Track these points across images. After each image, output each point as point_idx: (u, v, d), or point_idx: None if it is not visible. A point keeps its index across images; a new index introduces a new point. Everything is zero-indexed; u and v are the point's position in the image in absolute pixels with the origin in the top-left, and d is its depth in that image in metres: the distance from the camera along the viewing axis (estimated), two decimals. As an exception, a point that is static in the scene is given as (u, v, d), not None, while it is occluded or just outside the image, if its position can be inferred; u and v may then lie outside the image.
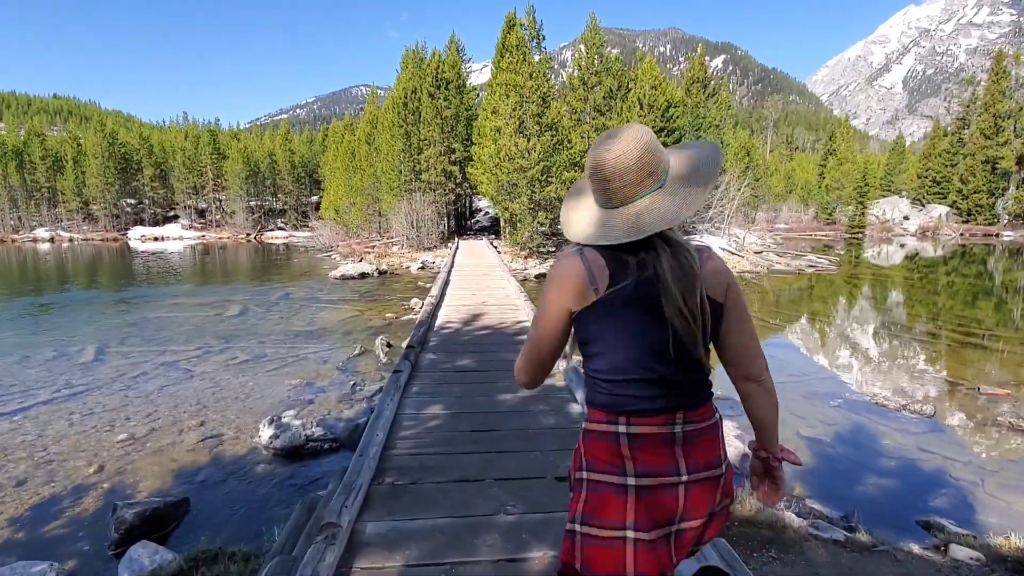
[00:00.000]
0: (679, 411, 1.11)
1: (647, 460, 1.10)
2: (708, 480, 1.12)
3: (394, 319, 9.33)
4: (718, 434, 1.16)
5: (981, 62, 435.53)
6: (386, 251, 21.89)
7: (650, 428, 1.10)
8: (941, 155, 48.30)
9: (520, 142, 17.00)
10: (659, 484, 1.10)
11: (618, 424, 1.11)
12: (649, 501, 1.09)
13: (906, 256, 24.57)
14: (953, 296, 13.05)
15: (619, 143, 1.06)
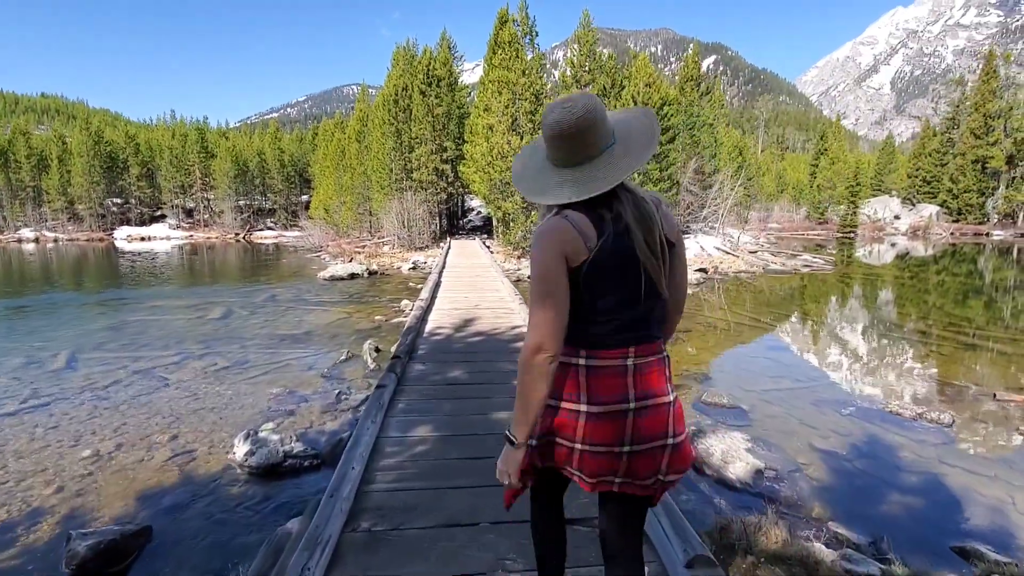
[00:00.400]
0: (631, 347, 1.25)
1: (601, 390, 1.24)
2: (657, 407, 1.26)
3: (383, 322, 9.00)
4: (665, 366, 1.31)
5: (968, 63, 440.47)
6: (377, 251, 21.53)
7: (605, 362, 1.24)
8: (931, 155, 48.60)
9: (513, 140, 16.71)
10: (609, 411, 1.24)
11: (579, 357, 1.25)
12: (597, 424, 1.24)
13: (898, 255, 24.54)
14: (955, 297, 12.91)
15: (578, 106, 1.18)
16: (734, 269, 16.52)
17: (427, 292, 8.45)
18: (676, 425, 1.28)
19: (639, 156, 1.21)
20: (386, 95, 23.29)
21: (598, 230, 1.19)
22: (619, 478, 1.29)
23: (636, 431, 1.24)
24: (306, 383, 5.80)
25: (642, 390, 1.25)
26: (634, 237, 1.20)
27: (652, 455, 1.26)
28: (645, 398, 1.25)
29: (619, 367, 1.24)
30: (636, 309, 1.24)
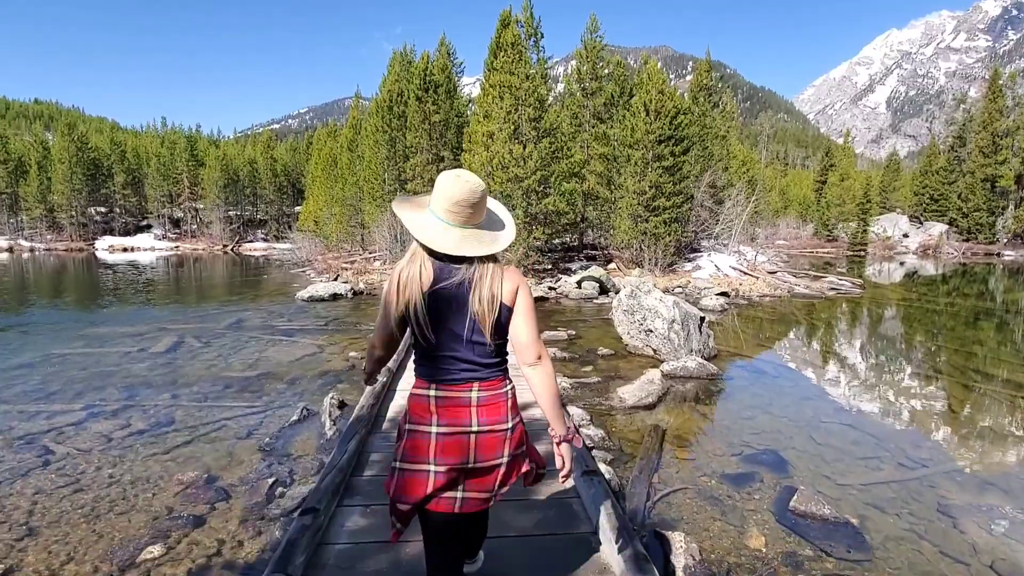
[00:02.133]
0: (475, 382, 1.63)
1: (448, 415, 1.62)
2: (495, 432, 1.63)
3: (357, 360, 7.41)
4: (505, 400, 1.66)
5: (959, 84, 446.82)
6: (366, 267, 19.97)
7: (453, 393, 1.63)
8: (938, 172, 47.62)
9: (515, 149, 15.28)
10: (455, 432, 1.61)
11: (430, 389, 1.64)
12: (446, 443, 1.61)
13: (923, 277, 23.14)
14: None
15: (475, 181, 1.60)
16: (755, 292, 15.02)
17: None
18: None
19: (500, 239, 1.67)
20: (380, 101, 21.93)
21: (437, 277, 1.58)
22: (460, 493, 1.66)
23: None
24: (236, 462, 4.20)
25: (484, 418, 1.63)
26: (472, 294, 1.57)
27: None
28: (486, 424, 1.62)
29: (464, 399, 1.63)
30: (457, 352, 1.62)
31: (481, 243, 1.59)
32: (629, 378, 6.50)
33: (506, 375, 1.70)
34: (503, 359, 1.69)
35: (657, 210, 17.21)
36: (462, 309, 1.57)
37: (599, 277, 14.23)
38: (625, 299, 7.61)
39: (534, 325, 1.63)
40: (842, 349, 9.14)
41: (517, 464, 1.71)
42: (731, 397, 6.12)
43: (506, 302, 1.59)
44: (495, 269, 1.59)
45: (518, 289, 1.62)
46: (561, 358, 7.50)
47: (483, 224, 1.64)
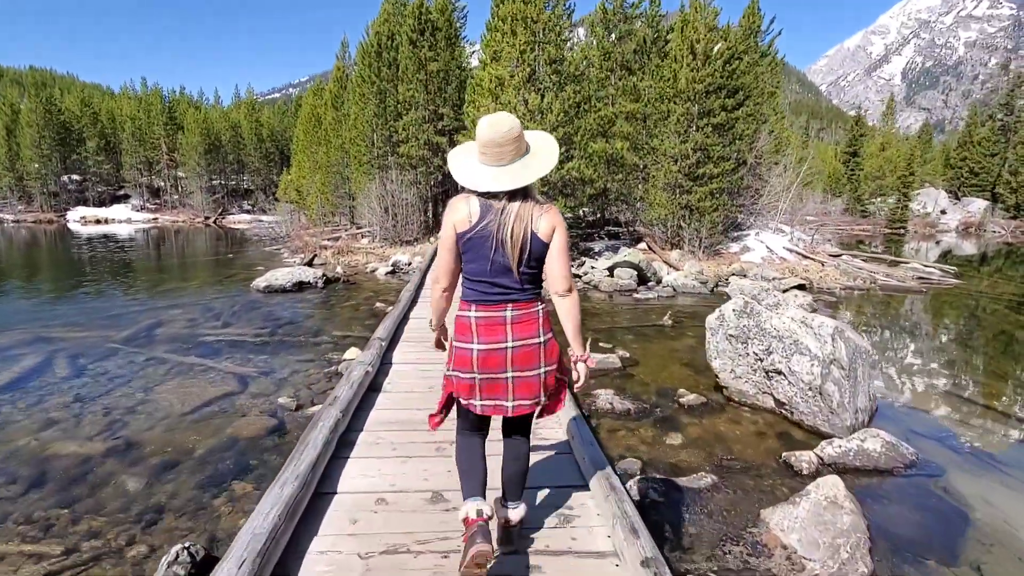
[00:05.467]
0: (509, 303, 1.86)
1: (486, 333, 1.86)
2: (527, 345, 1.87)
3: (290, 415, 4.49)
4: (537, 318, 1.89)
5: (980, 55, 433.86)
6: (350, 245, 16.91)
7: (490, 313, 1.86)
8: (980, 144, 43.91)
9: (531, 98, 12.07)
10: (493, 347, 1.86)
11: (471, 310, 1.88)
12: (486, 357, 1.86)
13: (1012, 261, 19.91)
14: None
15: (505, 123, 1.79)
16: (834, 283, 11.97)
17: (360, 374, 3.97)
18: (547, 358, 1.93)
19: (538, 169, 1.83)
20: (368, 45, 18.52)
21: (483, 212, 1.80)
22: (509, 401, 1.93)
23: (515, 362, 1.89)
24: None
25: (518, 335, 1.86)
26: (506, 228, 1.77)
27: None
28: (520, 339, 1.87)
29: (499, 318, 1.86)
30: (496, 277, 1.84)
31: (514, 178, 1.80)
32: (762, 474, 3.56)
33: (538, 297, 1.93)
34: (536, 284, 1.91)
35: (702, 179, 14.01)
36: (499, 240, 1.78)
37: (637, 263, 11.18)
38: (732, 317, 4.60)
39: (566, 262, 1.86)
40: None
41: (552, 375, 1.96)
42: (986, 532, 3.16)
43: (542, 237, 1.81)
44: (531, 207, 1.81)
45: (555, 229, 1.82)
46: (619, 412, 4.56)
47: (521, 159, 1.83)
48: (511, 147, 1.79)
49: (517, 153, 1.81)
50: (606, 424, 4.35)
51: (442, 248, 1.86)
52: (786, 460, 3.68)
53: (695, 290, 10.74)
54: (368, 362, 4.17)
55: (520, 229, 1.77)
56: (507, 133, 1.77)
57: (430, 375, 4.35)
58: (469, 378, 1.88)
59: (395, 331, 5.58)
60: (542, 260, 1.84)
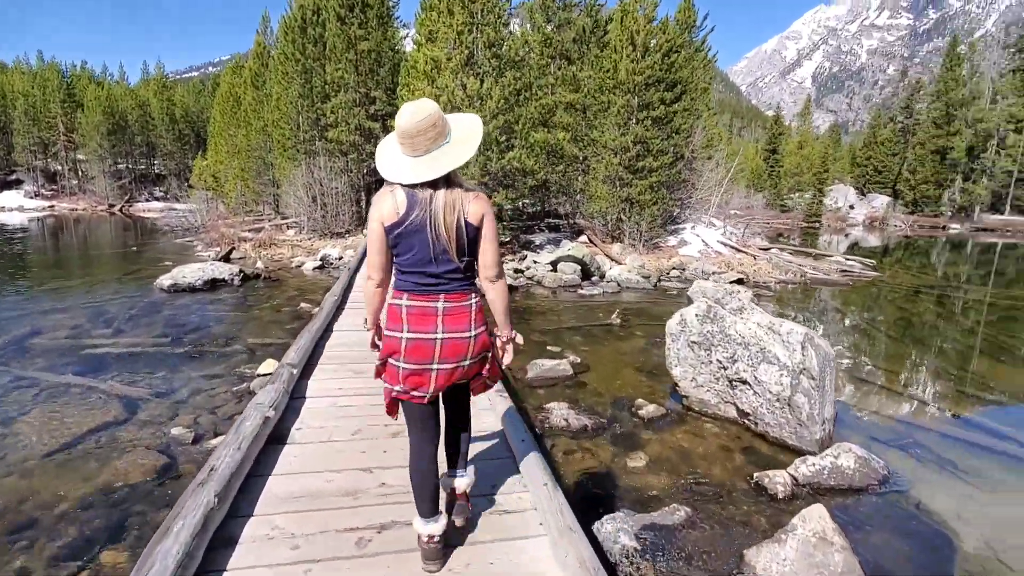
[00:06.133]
0: (442, 294, 1.85)
1: (416, 323, 1.84)
2: (458, 339, 1.87)
3: (185, 451, 3.72)
4: (469, 311, 1.88)
5: (880, 62, 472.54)
6: (274, 238, 15.60)
7: (421, 303, 1.84)
8: (883, 144, 47.52)
9: (470, 83, 11.42)
10: (422, 337, 1.84)
11: (403, 299, 1.86)
12: (414, 346, 1.84)
13: (918, 252, 21.44)
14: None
15: (420, 112, 1.74)
16: (768, 276, 12.24)
17: (267, 398, 3.20)
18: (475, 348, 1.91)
19: (459, 156, 1.78)
20: (291, 20, 17.08)
21: (410, 205, 1.76)
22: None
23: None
24: None
25: (449, 326, 1.85)
26: (436, 219, 1.75)
27: None
28: (450, 332, 1.85)
29: (431, 308, 1.84)
30: (434, 266, 1.82)
31: (431, 167, 1.75)
32: (735, 499, 3.23)
33: (472, 289, 1.92)
34: (469, 274, 1.90)
35: (642, 172, 13.95)
36: (430, 231, 1.76)
37: (581, 257, 10.88)
38: (695, 322, 4.25)
39: (496, 249, 1.87)
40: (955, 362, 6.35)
41: (481, 365, 2.00)
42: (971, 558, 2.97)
43: (472, 223, 1.80)
44: (459, 195, 1.78)
45: (484, 216, 1.82)
46: (575, 429, 4.13)
47: (439, 148, 1.78)
48: (427, 136, 1.75)
49: (434, 141, 1.78)
50: (562, 445, 3.90)
51: (371, 243, 1.84)
52: (759, 482, 3.37)
53: (639, 285, 10.58)
54: (269, 403, 3.08)
55: (452, 218, 1.76)
56: (421, 122, 1.74)
57: (357, 412, 3.39)
58: (395, 364, 1.88)
59: (312, 351, 4.48)
60: (475, 248, 1.85)
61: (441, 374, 1.88)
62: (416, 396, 1.90)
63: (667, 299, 9.73)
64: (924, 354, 7.29)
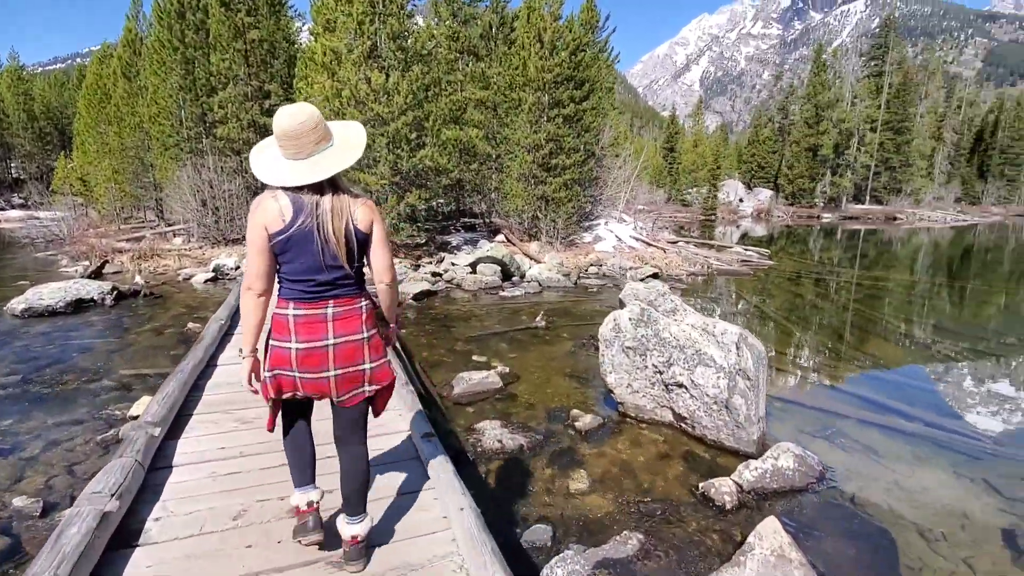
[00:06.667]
0: (330, 300, 1.81)
1: (305, 331, 1.78)
2: (350, 342, 1.84)
3: (31, 527, 2.95)
4: (360, 314, 1.87)
5: (756, 68, 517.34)
6: (157, 247, 13.90)
7: (309, 311, 1.79)
8: (764, 142, 51.94)
9: (374, 76, 10.75)
10: (312, 346, 1.79)
11: (288, 308, 1.79)
12: (305, 356, 1.78)
13: (798, 239, 23.36)
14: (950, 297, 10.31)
15: (301, 114, 1.70)
16: (679, 269, 12.69)
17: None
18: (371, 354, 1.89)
19: (343, 160, 1.77)
20: (167, 4, 15.29)
21: (296, 210, 1.70)
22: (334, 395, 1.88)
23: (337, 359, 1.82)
24: None
25: (340, 331, 1.81)
26: (324, 224, 1.71)
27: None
28: (342, 336, 1.81)
29: (320, 315, 1.79)
30: (323, 274, 1.77)
31: (313, 170, 1.71)
32: (683, 515, 3.08)
33: (362, 293, 1.90)
34: (359, 279, 1.89)
35: (556, 169, 13.96)
36: (322, 238, 1.71)
37: (501, 258, 10.61)
38: (629, 327, 4.08)
39: (387, 252, 1.88)
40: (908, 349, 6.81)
41: (384, 369, 1.93)
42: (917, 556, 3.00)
43: (362, 229, 1.80)
44: (347, 200, 1.77)
45: (373, 220, 1.82)
46: (510, 451, 3.82)
47: (321, 152, 1.75)
48: (310, 138, 1.72)
49: (317, 144, 1.75)
50: (499, 470, 3.57)
51: (253, 250, 1.74)
52: (705, 492, 3.24)
53: (560, 284, 10.50)
54: (110, 489, 2.19)
55: (341, 224, 1.74)
56: (302, 124, 1.70)
57: (243, 482, 2.57)
58: (290, 375, 1.82)
59: (186, 399, 3.53)
60: (364, 253, 1.85)
61: (340, 380, 1.84)
62: (314, 397, 1.90)
63: (589, 297, 9.72)
64: (824, 337, 7.77)
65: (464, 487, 2.43)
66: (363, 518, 1.99)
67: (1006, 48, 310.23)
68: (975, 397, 5.53)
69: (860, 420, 4.67)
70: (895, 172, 45.05)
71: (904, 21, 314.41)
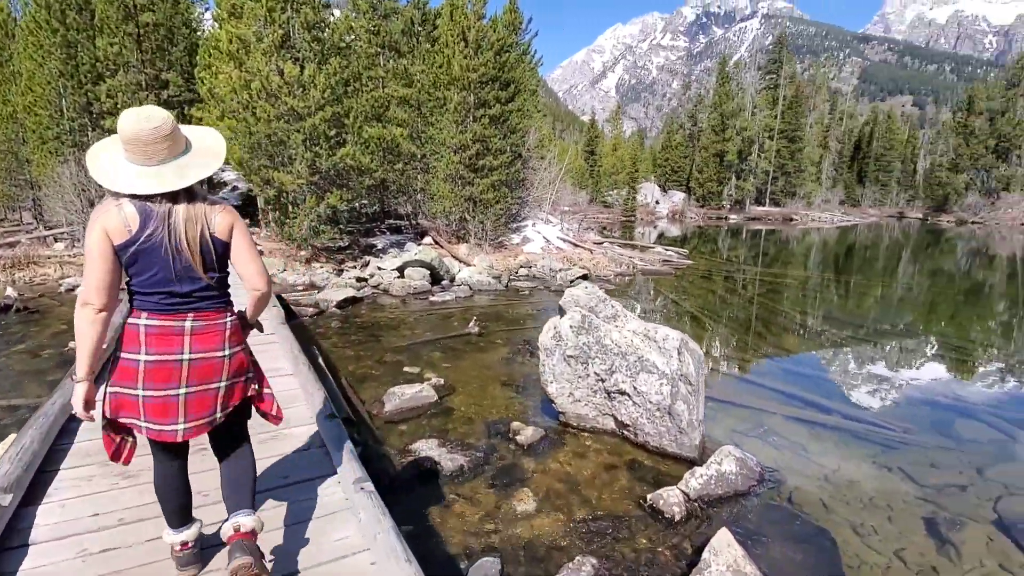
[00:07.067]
0: (190, 313, 1.67)
1: (157, 344, 1.64)
2: (209, 358, 1.70)
3: None
4: (223, 330, 1.73)
5: (666, 77, 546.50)
6: (34, 254, 12.19)
7: (164, 322, 1.64)
8: (677, 147, 54.90)
9: (288, 68, 10.03)
10: (164, 359, 1.64)
11: (141, 318, 1.64)
12: (154, 370, 1.64)
13: (709, 238, 24.71)
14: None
15: (155, 118, 1.57)
16: (606, 270, 12.93)
17: None
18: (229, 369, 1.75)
19: (202, 168, 1.65)
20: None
21: (143, 219, 1.56)
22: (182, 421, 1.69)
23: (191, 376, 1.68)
24: None
25: (198, 346, 1.67)
26: (178, 233, 1.59)
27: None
28: (200, 352, 1.67)
29: (176, 328, 1.65)
30: (169, 287, 1.63)
31: (163, 182, 1.58)
32: (634, 531, 2.99)
33: (227, 307, 1.77)
34: (222, 292, 1.75)
35: (483, 170, 13.78)
36: (173, 248, 1.60)
37: (429, 261, 10.26)
38: (570, 335, 3.96)
39: (257, 258, 1.75)
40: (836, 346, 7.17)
41: (238, 387, 1.80)
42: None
43: (221, 237, 1.68)
44: (203, 208, 1.65)
45: (233, 226, 1.70)
46: (449, 473, 3.58)
47: (176, 160, 1.62)
48: (162, 146, 1.59)
49: (171, 153, 1.62)
50: (439, 496, 3.31)
51: (92, 260, 1.56)
52: (653, 504, 3.18)
53: (491, 287, 10.33)
54: None
55: (195, 233, 1.63)
56: (156, 130, 1.57)
57: (127, 562, 1.99)
58: (132, 395, 1.66)
59: (51, 448, 2.79)
60: (225, 263, 1.75)
61: (191, 399, 1.69)
62: (166, 432, 1.67)
63: (520, 299, 9.61)
64: (741, 333, 8.15)
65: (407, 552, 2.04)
66: (250, 512, 1.82)
67: (877, 67, 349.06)
68: (878, 384, 5.97)
69: (785, 416, 4.86)
70: (790, 177, 49.01)
71: (793, 39, 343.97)
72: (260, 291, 1.77)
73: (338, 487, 2.52)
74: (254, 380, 1.89)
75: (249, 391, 1.87)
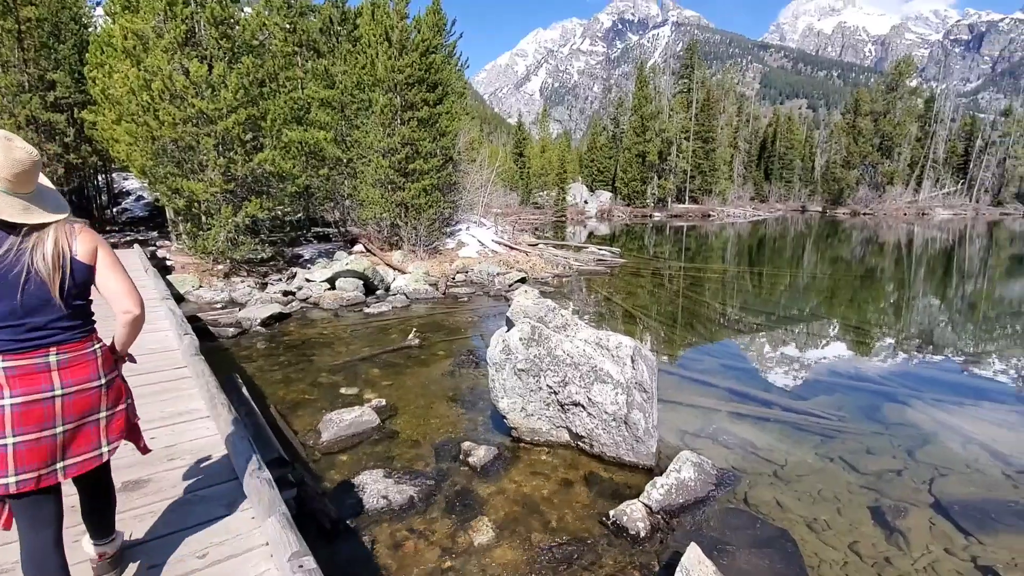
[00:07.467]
0: (52, 346, 1.54)
1: (22, 384, 1.49)
2: (85, 391, 1.60)
3: None
4: (95, 359, 1.64)
5: (587, 81, 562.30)
6: None
7: (24, 361, 1.50)
8: (602, 149, 56.60)
9: (194, 67, 9.21)
10: (33, 399, 1.50)
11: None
12: (23, 413, 1.49)
13: (636, 236, 25.47)
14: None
15: (26, 144, 1.51)
16: (543, 272, 12.92)
17: None
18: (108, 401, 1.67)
19: (61, 210, 1.59)
20: None
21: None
22: (60, 462, 1.57)
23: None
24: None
25: (70, 380, 1.56)
26: (35, 262, 1.49)
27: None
28: (73, 385, 1.57)
29: (39, 364, 1.52)
30: (24, 320, 1.49)
31: (30, 210, 1.53)
32: (600, 554, 2.87)
33: (92, 335, 1.67)
34: (86, 319, 1.65)
35: (414, 175, 13.38)
36: (27, 274, 1.49)
37: (362, 271, 9.77)
38: (520, 348, 3.78)
39: (125, 278, 1.64)
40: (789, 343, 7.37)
41: (120, 417, 1.72)
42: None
43: (84, 260, 1.58)
44: (62, 228, 1.56)
45: (96, 247, 1.61)
46: (398, 507, 3.30)
47: (31, 198, 1.55)
48: (35, 172, 1.54)
49: (28, 187, 1.54)
50: (388, 535, 3.02)
51: None
52: (616, 521, 3.06)
53: (428, 294, 9.99)
54: None
55: (54, 255, 1.52)
56: (33, 154, 1.53)
57: None
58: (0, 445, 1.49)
59: None
60: (88, 288, 1.64)
61: (71, 436, 1.58)
62: (45, 475, 1.54)
63: (460, 307, 9.35)
64: (673, 328, 8.35)
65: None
66: (113, 537, 1.94)
67: (775, 73, 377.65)
68: (808, 372, 6.26)
69: (730, 413, 4.95)
70: (706, 175, 51.78)
71: (701, 46, 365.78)
72: (132, 313, 1.65)
73: (271, 562, 2.16)
74: (133, 408, 1.82)
75: (134, 419, 1.81)
